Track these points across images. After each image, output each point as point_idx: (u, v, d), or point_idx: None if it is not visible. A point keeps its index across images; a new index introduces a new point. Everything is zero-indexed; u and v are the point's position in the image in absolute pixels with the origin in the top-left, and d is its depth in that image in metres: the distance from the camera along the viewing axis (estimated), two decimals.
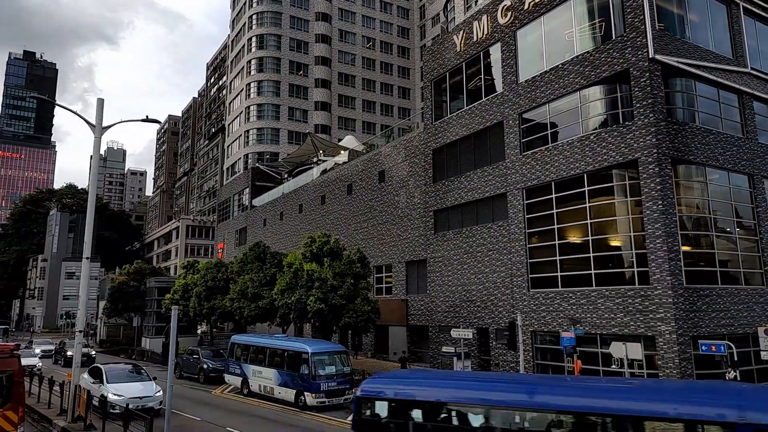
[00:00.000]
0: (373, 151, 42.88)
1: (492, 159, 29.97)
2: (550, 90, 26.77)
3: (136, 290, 46.04)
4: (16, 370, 12.52)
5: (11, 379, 12.40)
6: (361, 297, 27.73)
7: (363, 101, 77.58)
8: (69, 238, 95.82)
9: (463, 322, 30.62)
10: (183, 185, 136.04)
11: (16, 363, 12.66)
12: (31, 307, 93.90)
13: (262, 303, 30.72)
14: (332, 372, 21.15)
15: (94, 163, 18.55)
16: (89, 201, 18.74)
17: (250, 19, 74.73)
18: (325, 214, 47.31)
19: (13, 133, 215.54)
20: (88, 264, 18.20)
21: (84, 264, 18.12)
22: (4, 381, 12.29)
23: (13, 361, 12.65)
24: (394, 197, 38.06)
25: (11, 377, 12.42)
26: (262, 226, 59.98)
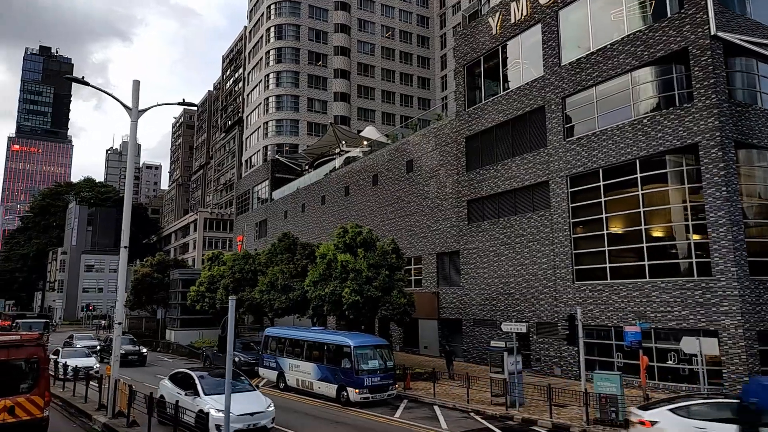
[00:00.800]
0: (401, 140, 41.71)
1: (532, 146, 28.75)
2: (597, 72, 25.46)
3: (159, 282, 45.46)
4: (41, 358, 13.67)
5: (38, 366, 13.46)
6: (397, 289, 26.71)
7: (382, 92, 76.36)
8: (88, 231, 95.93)
9: (500, 316, 29.54)
10: (199, 178, 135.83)
11: (42, 351, 13.83)
12: (52, 300, 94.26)
13: (293, 295, 29.84)
14: (375, 367, 20.18)
15: (130, 147, 17.71)
16: (126, 186, 17.89)
17: (268, 9, 73.69)
18: (349, 205, 46.35)
19: (30, 127, 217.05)
20: (126, 253, 17.40)
21: (122, 253, 17.31)
22: (32, 368, 13.36)
23: (39, 349, 13.77)
24: (423, 187, 36.95)
25: (37, 364, 13.48)
26: (283, 218, 59.21)
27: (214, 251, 41.40)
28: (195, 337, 42.45)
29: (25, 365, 13.41)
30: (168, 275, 46.64)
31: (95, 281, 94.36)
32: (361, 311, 26.21)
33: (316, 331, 24.47)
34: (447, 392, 22.06)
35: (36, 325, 42.20)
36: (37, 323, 42.91)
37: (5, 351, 13.22)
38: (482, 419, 18.08)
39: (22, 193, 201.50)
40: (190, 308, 40.71)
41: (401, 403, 20.63)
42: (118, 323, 17.28)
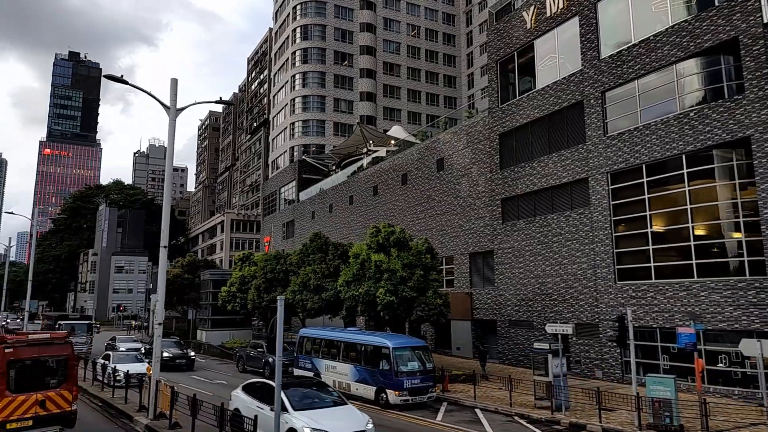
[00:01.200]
0: (431, 138, 41.20)
1: (570, 142, 27.99)
2: (639, 65, 24.62)
3: (190, 283, 45.78)
4: (70, 355, 14.59)
5: (67, 362, 14.34)
6: (432, 289, 26.24)
7: (408, 91, 75.89)
8: (117, 232, 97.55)
9: (537, 317, 28.85)
10: (225, 180, 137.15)
11: (70, 348, 14.77)
12: (83, 301, 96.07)
13: (326, 295, 29.59)
14: (415, 368, 19.75)
15: (168, 145, 17.62)
16: (165, 185, 17.83)
17: (294, 10, 73.86)
18: (377, 205, 46.02)
19: (61, 132, 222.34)
20: (165, 253, 17.30)
21: (162, 253, 17.21)
22: (60, 364, 14.21)
23: (68, 347, 14.74)
24: (455, 186, 36.40)
25: (67, 361, 14.35)
26: (311, 219, 59.20)
27: (245, 252, 41.48)
28: (226, 337, 42.58)
29: (54, 362, 14.25)
30: (198, 276, 46.92)
31: (125, 282, 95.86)
32: (395, 312, 25.82)
33: (351, 331, 24.14)
34: (487, 395, 21.51)
35: (80, 327, 38.55)
36: (81, 325, 39.30)
37: (36, 349, 14.05)
38: (528, 423, 17.52)
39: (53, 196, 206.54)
40: (221, 309, 40.83)
41: (441, 405, 20.17)
42: (159, 323, 17.15)
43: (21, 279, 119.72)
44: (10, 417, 12.87)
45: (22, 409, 13.04)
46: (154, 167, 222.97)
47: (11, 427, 12.94)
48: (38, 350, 14.02)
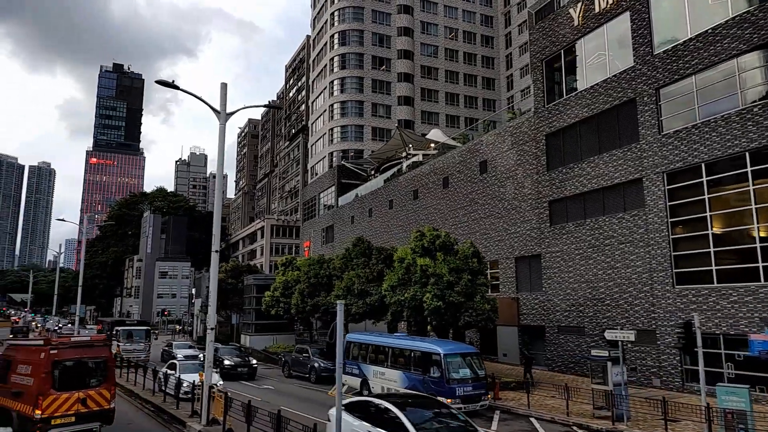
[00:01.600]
0: (473, 140, 40.58)
1: (622, 141, 27.01)
2: (696, 59, 23.55)
3: (234, 288, 46.37)
4: (109, 357, 15.66)
5: (106, 363, 15.41)
6: (480, 294, 25.66)
7: (446, 94, 75.33)
8: (161, 239, 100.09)
9: (588, 323, 27.88)
10: (264, 186, 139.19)
11: (108, 351, 15.92)
12: (129, 305, 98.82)
13: (370, 300, 29.34)
14: (466, 375, 19.24)
15: (219, 149, 17.70)
16: (216, 188, 17.93)
17: (332, 16, 74.39)
18: (418, 209, 45.62)
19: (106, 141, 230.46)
20: (216, 257, 17.34)
21: (213, 257, 17.26)
22: (100, 365, 15.26)
23: (106, 349, 15.92)
24: (499, 189, 35.69)
25: (106, 362, 15.43)
26: (350, 224, 59.25)
27: (287, 256, 41.71)
28: (269, 342, 42.85)
29: (94, 363, 15.26)
30: (242, 281, 47.44)
31: (168, 287, 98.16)
32: (443, 317, 25.35)
33: (400, 337, 23.80)
34: (540, 403, 20.79)
35: (137, 333, 37.34)
36: (138, 331, 37.91)
37: (78, 350, 15.14)
38: None
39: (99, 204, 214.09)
40: (265, 313, 41.13)
41: (494, 414, 19.58)
42: (211, 328, 17.18)
43: (69, 284, 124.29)
44: (55, 413, 13.77)
45: (66, 406, 13.93)
46: (195, 174, 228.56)
47: (56, 423, 13.81)
48: (80, 352, 15.10)
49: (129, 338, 36.85)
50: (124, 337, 36.84)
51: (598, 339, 27.15)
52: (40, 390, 13.77)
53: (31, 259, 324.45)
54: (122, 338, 36.63)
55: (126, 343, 36.26)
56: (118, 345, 35.31)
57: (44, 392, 13.77)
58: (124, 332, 36.85)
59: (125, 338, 36.79)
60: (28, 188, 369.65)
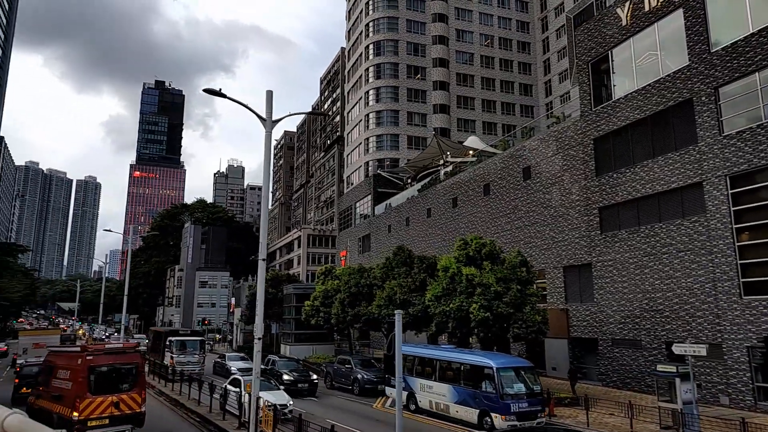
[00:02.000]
0: (515, 146, 39.55)
1: (678, 144, 25.67)
2: (759, 56, 22.16)
3: (273, 297, 46.33)
4: (139, 363, 16.69)
5: (136, 369, 16.34)
6: (530, 305, 24.64)
7: (482, 101, 74.33)
8: (201, 249, 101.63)
9: (645, 336, 26.45)
10: (300, 197, 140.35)
11: (139, 357, 16.94)
12: (170, 315, 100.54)
13: (413, 310, 28.61)
14: (521, 391, 18.28)
15: (266, 156, 17.42)
16: (263, 196, 17.70)
17: (367, 27, 74.56)
18: (457, 217, 44.76)
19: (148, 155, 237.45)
20: (263, 265, 16.97)
21: (260, 267, 16.90)
22: (132, 371, 16.16)
23: (137, 355, 16.88)
24: (544, 195, 34.56)
25: (137, 368, 16.38)
26: (387, 233, 58.73)
27: (327, 265, 41.40)
28: (308, 352, 42.50)
29: (126, 369, 16.17)
30: (281, 290, 47.41)
31: (208, 296, 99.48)
32: (490, 329, 24.44)
33: (447, 349, 22.99)
34: (599, 421, 19.64)
35: (191, 344, 34.33)
36: (192, 342, 34.77)
37: (112, 356, 16.11)
38: None
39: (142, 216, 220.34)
40: (305, 323, 40.85)
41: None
42: (258, 338, 16.77)
43: (114, 293, 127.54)
44: (91, 416, 14.55)
45: (101, 408, 14.76)
46: (232, 186, 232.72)
47: (92, 425, 14.61)
48: (113, 358, 16.03)
49: (183, 349, 33.98)
50: (178, 348, 33.92)
51: (656, 353, 25.74)
52: (78, 393, 14.53)
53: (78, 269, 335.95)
54: (176, 349, 33.80)
55: (180, 354, 33.54)
56: (172, 357, 33.19)
57: (81, 396, 14.49)
58: (178, 343, 34.10)
59: (179, 349, 33.90)
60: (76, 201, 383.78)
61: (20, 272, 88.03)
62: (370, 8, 74.00)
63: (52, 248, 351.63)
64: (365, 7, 74.86)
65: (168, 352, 33.95)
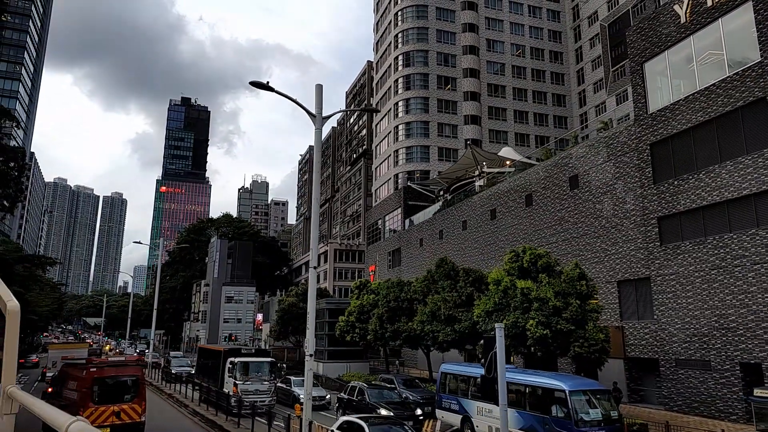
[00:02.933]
0: (559, 154, 37.76)
1: (749, 147, 23.71)
2: None
3: (305, 312, 44.78)
4: (141, 375, 17.60)
5: (138, 381, 17.25)
6: (592, 322, 22.76)
7: (515, 111, 72.68)
8: (228, 263, 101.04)
9: (716, 356, 24.26)
10: (325, 212, 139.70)
11: (141, 370, 17.85)
12: (196, 330, 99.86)
13: (460, 326, 26.88)
14: (598, 417, 16.43)
15: (316, 154, 16.12)
16: (313, 197, 16.36)
17: (396, 38, 73.82)
18: (496, 229, 42.99)
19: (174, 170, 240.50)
20: (315, 273, 15.59)
21: (311, 273, 15.54)
22: (134, 383, 17.11)
23: (139, 368, 17.86)
24: (594, 205, 32.66)
25: (138, 380, 17.28)
26: (419, 246, 57.14)
27: (361, 280, 39.92)
28: (342, 370, 40.85)
29: (128, 381, 17.20)
30: None
31: (234, 312, 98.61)
32: (549, 347, 22.58)
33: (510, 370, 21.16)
34: None
35: (257, 367, 26.59)
36: (259, 364, 26.91)
37: (114, 369, 17.21)
38: None
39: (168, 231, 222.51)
40: (339, 339, 39.29)
41: None
42: (309, 355, 15.32)
43: (140, 308, 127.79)
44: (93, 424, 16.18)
45: (103, 417, 15.64)
46: (257, 201, 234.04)
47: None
48: (116, 371, 17.14)
49: (248, 373, 26.26)
50: (242, 373, 26.15)
51: (728, 374, 23.54)
52: (81, 403, 15.62)
53: (104, 284, 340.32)
54: (239, 374, 26.07)
55: (245, 380, 25.90)
56: (235, 383, 25.72)
57: (85, 405, 15.57)
58: (242, 365, 26.14)
59: (243, 374, 26.15)
60: (102, 217, 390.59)
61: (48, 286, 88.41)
62: (399, 19, 73.32)
63: (79, 263, 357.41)
64: (394, 18, 74.23)
65: (230, 377, 26.43)
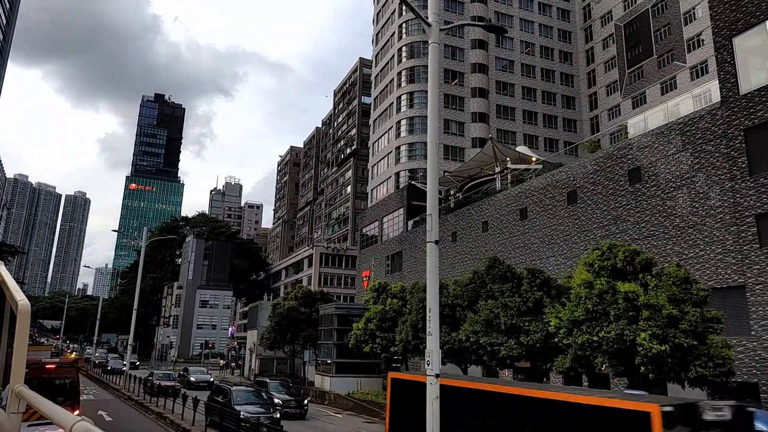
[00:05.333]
0: (614, 145, 33.35)
1: None
2: None
3: (307, 318, 39.28)
4: (75, 378, 18.40)
5: (72, 384, 18.01)
6: (715, 335, 18.11)
7: (524, 111, 68.77)
8: (203, 265, 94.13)
9: None
10: (305, 215, 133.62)
11: (75, 372, 18.80)
12: (166, 336, 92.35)
13: (528, 339, 21.89)
14: None
15: (430, 73, 11.08)
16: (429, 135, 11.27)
17: (400, 29, 69.27)
18: (527, 230, 38.43)
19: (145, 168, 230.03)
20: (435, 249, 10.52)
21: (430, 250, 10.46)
22: (67, 385, 17.80)
23: (74, 370, 18.84)
24: (663, 202, 28.29)
25: (73, 382, 18.07)
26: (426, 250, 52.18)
27: (379, 281, 34.68)
28: (352, 386, 35.34)
29: (62, 382, 17.44)
30: (317, 310, 40.36)
31: (209, 317, 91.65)
32: (664, 367, 17.78)
33: None
34: None
35: None
36: None
37: (47, 371, 17.37)
38: None
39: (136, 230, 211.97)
40: (353, 350, 33.87)
41: None
42: (435, 375, 10.07)
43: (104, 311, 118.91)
44: None
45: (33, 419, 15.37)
46: (230, 204, 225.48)
47: None
48: (48, 372, 17.34)
49: None
50: None
51: None
52: None
53: (62, 285, 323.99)
54: None
55: None
56: None
57: None
58: None
59: None
60: (64, 216, 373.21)
61: None
62: (404, 8, 68.76)
63: (37, 263, 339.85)
64: (398, 7, 69.66)
65: None
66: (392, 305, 30.83)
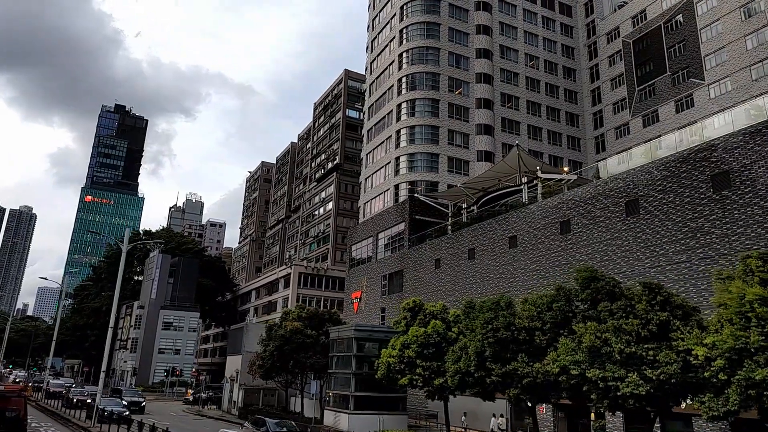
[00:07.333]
0: (693, 146, 29.13)
1: None
2: None
3: (314, 342, 33.03)
4: (22, 409, 18.53)
5: (19, 415, 18.09)
6: None
7: (528, 126, 65.31)
8: (168, 283, 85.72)
9: None
10: (277, 233, 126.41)
11: (23, 402, 18.81)
12: (123, 360, 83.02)
13: (655, 373, 16.80)
14: None
15: None
16: None
17: (401, 33, 65.07)
18: (569, 246, 34.00)
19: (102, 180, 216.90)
20: None
21: None
22: (16, 416, 17.86)
23: (21, 401, 18.83)
24: (764, 212, 24.14)
25: (19, 414, 18.17)
26: (433, 269, 47.15)
27: (415, 298, 29.10)
28: (374, 424, 29.29)
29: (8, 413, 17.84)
30: (326, 333, 34.26)
31: (172, 341, 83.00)
32: None
33: None
34: None
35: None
36: None
37: None
38: None
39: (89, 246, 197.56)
40: (375, 382, 28.02)
41: None
42: None
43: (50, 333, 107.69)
44: None
45: None
46: (190, 221, 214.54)
47: None
48: None
49: None
50: None
51: None
52: None
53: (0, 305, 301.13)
54: None
55: None
56: None
57: None
58: None
59: None
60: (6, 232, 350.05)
61: None
62: (406, 11, 64.81)
63: None
64: (399, 11, 65.66)
65: None
66: (436, 327, 25.32)
